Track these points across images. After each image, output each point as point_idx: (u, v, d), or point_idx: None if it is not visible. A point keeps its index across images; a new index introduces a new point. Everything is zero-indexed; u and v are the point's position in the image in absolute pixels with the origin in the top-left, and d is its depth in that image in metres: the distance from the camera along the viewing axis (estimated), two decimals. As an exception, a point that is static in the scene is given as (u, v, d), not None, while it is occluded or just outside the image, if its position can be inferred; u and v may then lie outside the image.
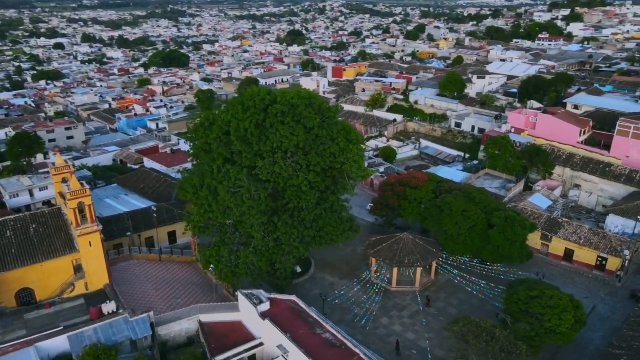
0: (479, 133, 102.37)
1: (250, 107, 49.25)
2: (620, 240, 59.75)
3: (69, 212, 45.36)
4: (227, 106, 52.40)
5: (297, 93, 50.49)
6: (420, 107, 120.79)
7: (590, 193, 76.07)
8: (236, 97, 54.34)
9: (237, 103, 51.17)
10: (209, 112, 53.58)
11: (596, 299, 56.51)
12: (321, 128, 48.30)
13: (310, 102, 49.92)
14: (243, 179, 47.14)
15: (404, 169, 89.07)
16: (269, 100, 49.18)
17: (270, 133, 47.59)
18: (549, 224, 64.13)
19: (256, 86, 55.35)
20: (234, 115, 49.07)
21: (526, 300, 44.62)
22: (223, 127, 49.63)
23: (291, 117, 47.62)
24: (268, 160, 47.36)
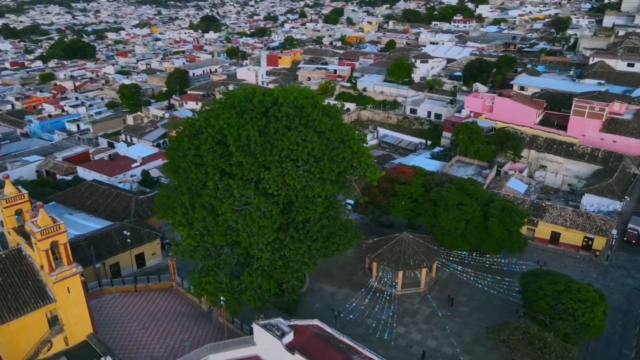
0: (435, 119, 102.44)
1: (247, 111, 42.83)
2: (603, 219, 61.78)
3: (38, 254, 36.45)
4: (214, 110, 45.27)
5: (300, 93, 44.81)
6: (369, 94, 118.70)
7: (556, 173, 78.65)
8: (222, 98, 46.93)
9: (228, 106, 44.35)
10: (192, 119, 46.05)
11: (590, 279, 57.82)
12: (332, 131, 43.25)
13: (314, 102, 44.58)
14: (250, 195, 40.93)
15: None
16: (269, 103, 43.07)
17: (276, 140, 41.62)
18: (533, 208, 64.77)
19: (249, 86, 48.81)
20: (228, 121, 42.34)
21: (554, 296, 43.70)
22: (215, 135, 42.72)
23: (299, 120, 42.02)
24: (276, 171, 41.46)
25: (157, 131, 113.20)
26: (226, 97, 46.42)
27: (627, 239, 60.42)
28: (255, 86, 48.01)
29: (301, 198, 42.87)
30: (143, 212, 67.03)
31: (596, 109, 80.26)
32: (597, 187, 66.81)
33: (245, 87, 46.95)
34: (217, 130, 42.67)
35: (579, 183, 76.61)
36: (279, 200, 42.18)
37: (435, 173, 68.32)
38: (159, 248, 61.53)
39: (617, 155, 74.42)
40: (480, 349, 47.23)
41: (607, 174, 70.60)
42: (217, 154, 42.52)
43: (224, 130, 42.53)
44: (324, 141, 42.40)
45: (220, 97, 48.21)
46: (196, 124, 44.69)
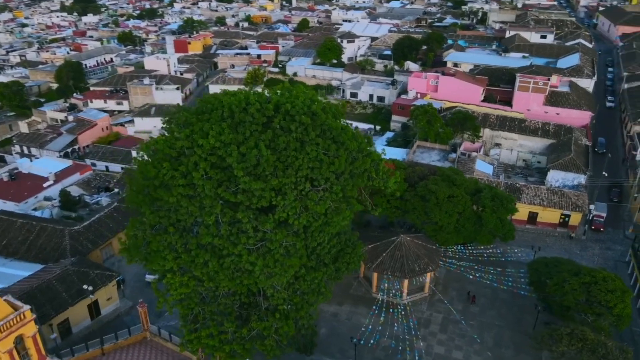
0: (378, 102, 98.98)
1: (244, 124, 34.46)
2: (576, 195, 62.95)
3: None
4: (197, 125, 35.97)
5: (305, 95, 37.25)
6: (301, 79, 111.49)
7: (511, 150, 79.48)
8: (201, 106, 37.57)
9: (215, 119, 35.43)
10: (169, 138, 36.22)
11: (575, 256, 58.60)
12: (351, 140, 36.54)
13: (323, 106, 37.38)
14: (267, 230, 33.10)
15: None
16: (271, 111, 35.04)
17: (290, 158, 33.95)
18: (509, 190, 64.08)
19: (240, 91, 39.43)
20: (220, 138, 33.73)
21: (582, 289, 42.30)
22: (208, 158, 33.89)
23: (316, 131, 34.68)
24: (292, 195, 33.93)
25: (61, 138, 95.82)
26: (207, 106, 37.22)
27: (594, 227, 61.82)
28: (243, 91, 39.05)
29: (320, 223, 35.89)
30: (82, 247, 54.79)
31: (540, 84, 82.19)
32: (561, 162, 68.09)
33: (231, 92, 37.92)
34: (208, 151, 33.87)
35: (533, 158, 78.22)
36: (301, 232, 34.85)
37: (417, 164, 64.55)
38: (115, 291, 50.44)
39: (567, 128, 76.93)
40: (507, 353, 44.92)
41: (563, 147, 72.50)
42: (215, 180, 33.78)
43: (218, 150, 33.90)
44: (346, 153, 35.63)
45: (197, 106, 38.68)
46: (177, 144, 35.17)
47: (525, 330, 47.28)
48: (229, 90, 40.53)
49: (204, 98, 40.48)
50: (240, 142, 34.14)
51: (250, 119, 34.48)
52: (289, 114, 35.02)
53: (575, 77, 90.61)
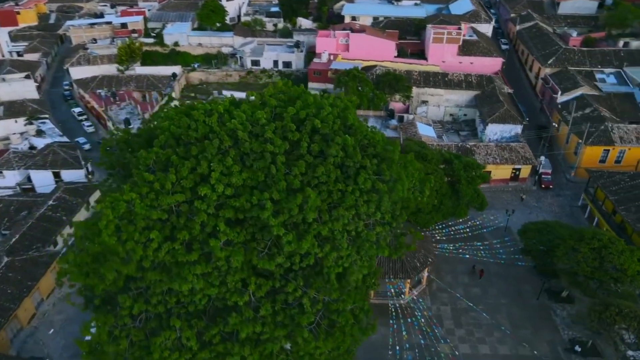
0: (285, 68, 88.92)
1: (260, 155, 24.35)
2: (523, 148, 63.36)
3: None
4: (180, 165, 24.46)
5: (316, 101, 27.70)
6: (184, 49, 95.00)
7: (438, 106, 77.58)
8: (166, 135, 25.70)
9: (212, 152, 24.44)
10: (148, 197, 24.04)
11: (535, 209, 59.63)
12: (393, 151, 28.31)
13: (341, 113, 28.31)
14: (331, 300, 24.35)
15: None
16: (295, 132, 25.18)
17: (335, 193, 24.92)
18: (461, 152, 62.02)
19: (218, 101, 27.23)
20: (230, 179, 23.44)
21: (594, 256, 41.61)
22: (220, 214, 23.38)
23: (362, 152, 25.83)
24: (344, 242, 25.24)
25: None
26: (185, 132, 25.66)
27: (544, 185, 62.83)
28: (224, 99, 27.98)
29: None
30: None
31: (453, 34, 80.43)
32: (498, 115, 67.79)
33: (210, 104, 26.72)
34: (215, 203, 23.34)
35: (460, 112, 77.49)
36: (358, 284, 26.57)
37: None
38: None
39: (488, 77, 77.01)
40: (526, 333, 43.29)
41: (490, 98, 72.48)
42: (240, 246, 23.46)
43: (233, 200, 23.52)
44: (405, 173, 27.57)
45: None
46: (164, 202, 23.58)
47: (530, 302, 46.39)
48: (202, 103, 28.87)
49: (166, 115, 28.37)
50: (264, 182, 24.03)
51: (271, 148, 24.28)
52: (318, 132, 25.52)
53: (474, 23, 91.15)
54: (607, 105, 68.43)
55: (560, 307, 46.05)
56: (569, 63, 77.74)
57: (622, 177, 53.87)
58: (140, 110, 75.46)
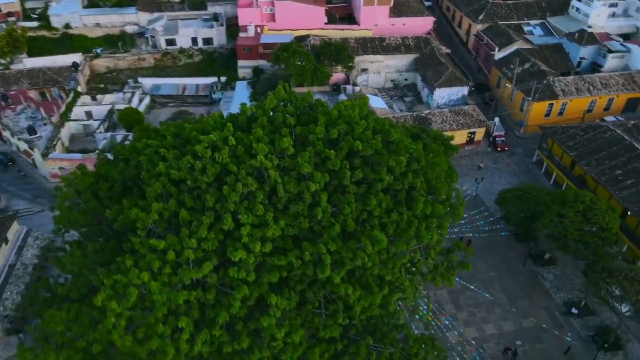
0: (206, 45, 79.57)
1: (295, 201, 19.43)
2: (474, 110, 62.85)
3: None
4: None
5: (341, 112, 22.73)
6: (79, 31, 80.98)
7: (378, 73, 74.46)
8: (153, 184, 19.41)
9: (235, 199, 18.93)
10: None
11: (495, 171, 60.10)
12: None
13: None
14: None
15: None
16: (337, 159, 20.24)
17: (391, 226, 20.65)
18: (418, 121, 60.09)
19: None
20: (270, 231, 18.39)
21: (580, 219, 42.08)
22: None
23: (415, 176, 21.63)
24: (409, 285, 21.39)
25: None
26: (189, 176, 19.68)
27: (499, 148, 62.55)
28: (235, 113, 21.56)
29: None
30: None
31: (384, -5, 76.65)
32: (444, 78, 66.27)
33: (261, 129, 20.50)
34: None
35: (400, 77, 75.10)
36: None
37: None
38: None
39: (424, 39, 74.83)
40: (523, 303, 43.51)
41: (431, 61, 70.81)
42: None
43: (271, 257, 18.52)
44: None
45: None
46: (179, 299, 17.90)
47: (518, 269, 46.72)
48: (193, 123, 22.38)
49: (146, 147, 21.73)
50: (309, 229, 19.10)
51: (314, 186, 19.22)
52: (358, 154, 20.77)
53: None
54: (541, 57, 69.89)
55: (546, 270, 46.95)
56: (498, 17, 78.08)
57: (576, 131, 55.39)
58: (45, 113, 63.24)
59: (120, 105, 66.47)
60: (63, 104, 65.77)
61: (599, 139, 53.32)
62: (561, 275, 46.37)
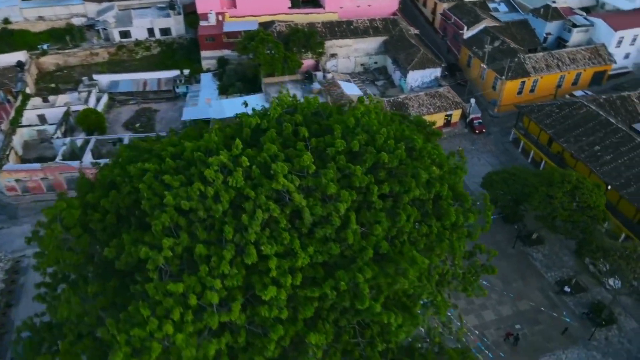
0: (163, 35, 74.82)
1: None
2: (449, 92, 62.28)
3: None
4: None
5: (357, 119, 20.91)
6: (20, 26, 74.10)
7: (348, 57, 72.48)
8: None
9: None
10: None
11: (474, 152, 60.02)
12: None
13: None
14: None
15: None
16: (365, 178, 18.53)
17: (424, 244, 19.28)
18: (395, 107, 58.98)
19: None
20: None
21: (568, 199, 42.40)
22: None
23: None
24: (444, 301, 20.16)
25: None
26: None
27: (477, 130, 62.36)
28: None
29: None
30: None
31: (348, -25, 74.23)
32: (417, 60, 65.14)
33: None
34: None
35: (370, 60, 73.47)
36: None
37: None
38: None
39: (392, 20, 73.20)
40: (518, 285, 43.84)
41: (401, 43, 69.45)
42: None
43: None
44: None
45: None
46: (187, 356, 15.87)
47: (508, 252, 46.99)
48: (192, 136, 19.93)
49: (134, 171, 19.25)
50: (340, 255, 17.41)
51: (343, 207, 17.46)
52: (382, 166, 19.12)
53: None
54: (509, 35, 69.90)
55: (535, 250, 47.46)
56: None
57: (552, 109, 55.83)
58: (-8, 120, 57.77)
59: (76, 106, 61.60)
60: (12, 109, 60.25)
61: (574, 115, 53.94)
62: (550, 254, 46.99)
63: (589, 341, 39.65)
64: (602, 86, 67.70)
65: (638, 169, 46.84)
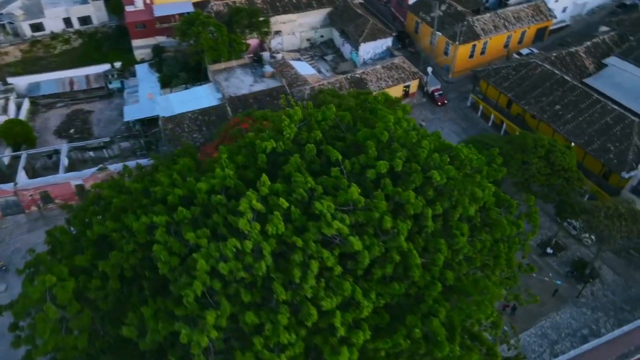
0: (83, 25, 66.41)
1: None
2: (404, 62, 60.80)
3: None
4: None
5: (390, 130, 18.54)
6: None
7: (293, 33, 68.51)
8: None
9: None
10: None
11: (436, 121, 59.54)
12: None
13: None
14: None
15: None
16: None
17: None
18: (354, 85, 56.72)
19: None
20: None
21: (544, 164, 42.88)
22: None
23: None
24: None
25: None
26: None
27: (439, 103, 60.97)
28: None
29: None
30: None
31: (282, -56, 68.99)
32: (368, 32, 62.62)
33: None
34: None
35: (316, 34, 69.95)
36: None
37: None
38: None
39: (334, -11, 69.76)
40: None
41: (347, 14, 66.44)
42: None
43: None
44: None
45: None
46: None
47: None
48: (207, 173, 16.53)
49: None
50: (405, 295, 15.36)
51: (405, 245, 15.25)
52: (431, 184, 16.98)
53: None
54: (452, -3, 69.00)
55: (512, 216, 48.28)
56: (401, -42, 75.07)
57: (509, 71, 56.01)
58: None
59: (-6, 118, 53.73)
60: None
61: (531, 76, 54.47)
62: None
63: (577, 299, 41.21)
64: (545, 42, 69.17)
65: (599, 125, 48.32)
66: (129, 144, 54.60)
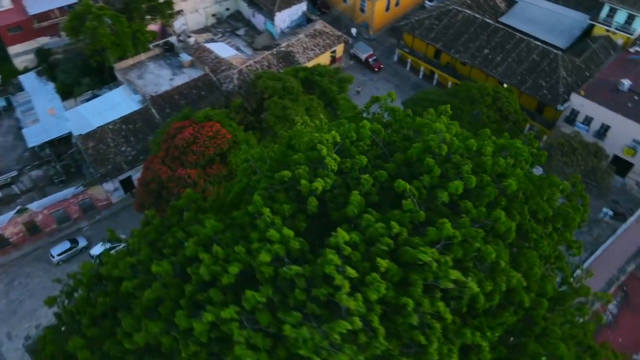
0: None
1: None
2: (327, 27, 57.97)
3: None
4: None
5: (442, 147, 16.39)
6: None
7: (196, 11, 61.84)
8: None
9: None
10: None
11: (372, 84, 58.32)
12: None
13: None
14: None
15: None
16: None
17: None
18: (283, 61, 53.13)
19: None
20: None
21: (493, 111, 43.87)
22: None
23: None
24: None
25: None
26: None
27: (376, 68, 58.70)
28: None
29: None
30: None
31: None
32: (280, 2, 58.33)
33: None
34: None
35: (221, 8, 63.82)
36: None
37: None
38: None
39: (231, -45, 63.35)
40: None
41: (251, -19, 61.36)
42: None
43: None
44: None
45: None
46: None
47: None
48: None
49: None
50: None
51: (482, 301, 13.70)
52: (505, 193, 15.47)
53: None
54: (354, -51, 66.32)
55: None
56: None
57: (432, 22, 55.76)
58: None
59: None
60: None
61: (454, 23, 54.77)
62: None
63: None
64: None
65: (527, 63, 50.25)
66: (42, 172, 46.90)
